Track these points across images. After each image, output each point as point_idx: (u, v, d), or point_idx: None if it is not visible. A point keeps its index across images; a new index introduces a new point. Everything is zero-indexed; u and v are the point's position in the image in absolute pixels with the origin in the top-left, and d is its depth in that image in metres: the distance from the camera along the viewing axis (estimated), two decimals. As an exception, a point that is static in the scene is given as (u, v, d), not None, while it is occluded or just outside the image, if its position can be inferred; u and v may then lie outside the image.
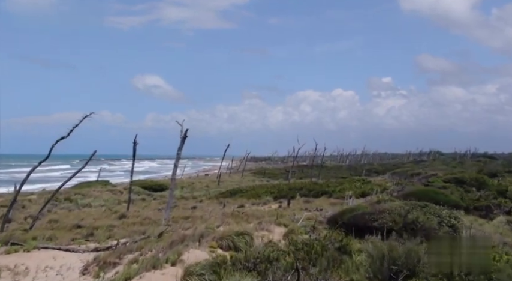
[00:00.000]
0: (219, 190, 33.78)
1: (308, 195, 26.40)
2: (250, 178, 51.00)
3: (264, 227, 11.74)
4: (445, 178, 32.75)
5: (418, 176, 37.12)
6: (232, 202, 24.82)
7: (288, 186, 28.38)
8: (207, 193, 31.87)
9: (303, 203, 22.71)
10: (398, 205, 12.58)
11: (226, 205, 22.87)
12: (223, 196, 28.09)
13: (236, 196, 27.38)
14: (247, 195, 27.14)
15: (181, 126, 18.18)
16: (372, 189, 26.32)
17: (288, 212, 19.28)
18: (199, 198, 28.37)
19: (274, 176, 54.48)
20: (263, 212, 19.13)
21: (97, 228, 15.21)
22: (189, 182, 39.73)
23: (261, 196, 26.33)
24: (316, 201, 23.37)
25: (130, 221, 17.34)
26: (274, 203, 23.66)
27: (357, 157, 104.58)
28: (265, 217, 17.11)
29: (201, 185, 37.87)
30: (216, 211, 20.59)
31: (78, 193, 27.56)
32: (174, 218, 17.67)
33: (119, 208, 23.44)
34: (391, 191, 23.91)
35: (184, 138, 17.96)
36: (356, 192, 25.85)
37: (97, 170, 48.92)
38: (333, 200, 23.19)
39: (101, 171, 45.94)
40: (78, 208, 24.49)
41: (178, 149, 18.00)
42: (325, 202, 22.65)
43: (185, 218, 17.76)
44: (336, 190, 26.59)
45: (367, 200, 22.31)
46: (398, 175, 40.56)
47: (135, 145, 21.08)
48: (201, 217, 17.93)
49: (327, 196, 25.96)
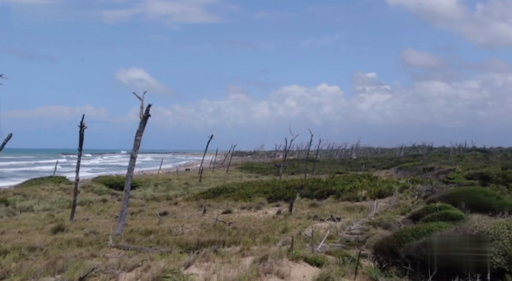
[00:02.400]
0: (200, 188, 28.27)
1: (311, 196, 21.08)
2: (236, 174, 45.47)
3: (273, 269, 6.33)
4: (467, 174, 27.77)
5: (432, 172, 32.17)
6: (215, 204, 19.35)
7: (284, 184, 23.01)
8: (185, 192, 26.32)
9: (308, 207, 17.37)
10: (501, 225, 7.28)
11: (207, 210, 17.42)
12: (205, 196, 22.59)
13: (221, 196, 21.93)
14: (234, 195, 21.71)
15: (142, 100, 12.63)
16: (390, 188, 21.15)
17: (292, 221, 13.93)
18: (174, 199, 22.81)
19: (263, 171, 49.07)
20: (258, 223, 13.76)
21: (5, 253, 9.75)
22: (166, 179, 34.04)
23: (252, 197, 20.92)
24: (325, 204, 18.06)
25: (66, 238, 11.83)
26: (270, 207, 18.29)
27: (347, 151, 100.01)
28: (264, 232, 11.75)
29: (180, 182, 32.22)
30: (193, 220, 15.11)
31: (19, 192, 21.70)
32: (130, 234, 12.15)
33: (64, 215, 17.83)
34: (418, 192, 18.72)
35: (146, 117, 12.41)
36: (371, 192, 20.68)
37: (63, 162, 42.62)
38: (347, 204, 17.94)
39: (67, 165, 39.79)
40: (14, 213, 18.76)
41: (137, 133, 12.46)
42: (337, 206, 17.37)
43: (146, 233, 12.23)
44: (345, 189, 21.33)
45: (393, 203, 17.11)
46: (406, 170, 35.55)
47: (82, 129, 15.43)
48: (170, 231, 12.43)
49: (335, 197, 20.72)
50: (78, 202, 21.58)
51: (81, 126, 15.36)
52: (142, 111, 12.43)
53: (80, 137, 15.52)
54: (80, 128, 15.40)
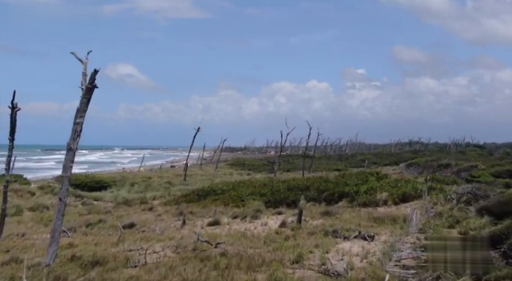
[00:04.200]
0: (183, 188, 24.13)
1: (319, 199, 17.05)
2: (226, 171, 41.28)
3: None
4: (494, 171, 23.98)
5: (450, 169, 28.36)
6: (199, 212, 15.24)
7: (285, 184, 18.96)
8: (166, 193, 22.15)
9: (320, 216, 13.33)
10: None
11: (188, 220, 13.29)
12: (188, 199, 18.45)
13: (207, 200, 17.81)
14: (224, 198, 17.59)
15: (84, 65, 8.48)
16: (416, 189, 17.25)
17: (306, 240, 9.86)
18: (150, 202, 18.64)
19: (255, 168, 44.92)
20: (258, 242, 9.69)
21: None
22: (146, 177, 29.79)
23: (246, 201, 16.85)
24: (341, 211, 14.00)
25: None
26: (269, 216, 14.21)
27: (341, 146, 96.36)
28: (269, 263, 7.68)
29: (161, 181, 27.98)
30: (167, 236, 10.98)
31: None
32: (65, 265, 7.99)
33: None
34: (458, 195, 14.77)
35: (91, 89, 8.25)
36: (393, 194, 16.74)
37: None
38: (370, 211, 13.93)
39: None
40: None
41: (76, 113, 8.28)
42: (357, 215, 13.36)
43: (91, 264, 8.06)
44: (361, 191, 17.35)
45: (430, 211, 13.15)
46: (418, 167, 31.65)
47: (13, 111, 11.20)
48: (127, 260, 8.28)
49: (348, 200, 16.73)
50: (29, 207, 17.37)
51: (12, 107, 11.10)
52: (85, 79, 8.25)
53: (12, 122, 11.26)
54: (12, 110, 11.14)
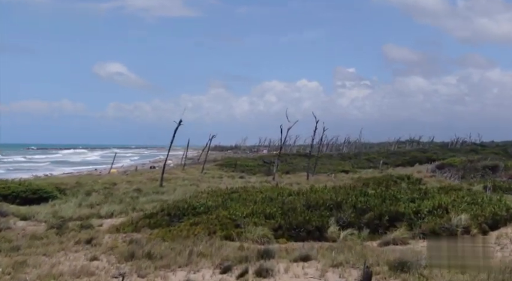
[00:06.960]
0: (155, 199, 17.71)
1: (359, 224, 10.77)
2: (215, 173, 34.73)
3: None
4: None
5: (499, 171, 22.34)
6: (164, 253, 8.75)
7: (303, 198, 12.60)
8: (129, 208, 15.67)
9: (391, 270, 6.97)
10: None
11: (132, 277, 6.90)
12: (153, 222, 11.96)
13: (182, 225, 11.34)
14: (208, 222, 11.10)
15: None
16: (508, 208, 11.10)
17: None
18: (95, 228, 12.14)
19: (249, 169, 38.46)
20: None
21: None
22: (111, 182, 23.22)
23: (244, 227, 10.49)
24: (420, 261, 7.65)
25: None
26: (291, 265, 7.83)
27: (339, 145, 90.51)
28: None
29: (129, 188, 21.41)
30: None
31: None
32: None
33: None
34: None
35: None
36: (477, 216, 10.57)
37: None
38: (451, 246, 7.57)
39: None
40: None
41: None
42: (444, 262, 7.00)
43: None
44: (423, 210, 11.12)
45: None
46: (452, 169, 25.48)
47: None
48: None
49: (406, 227, 10.51)
50: None
51: None
52: None
53: None
54: None
